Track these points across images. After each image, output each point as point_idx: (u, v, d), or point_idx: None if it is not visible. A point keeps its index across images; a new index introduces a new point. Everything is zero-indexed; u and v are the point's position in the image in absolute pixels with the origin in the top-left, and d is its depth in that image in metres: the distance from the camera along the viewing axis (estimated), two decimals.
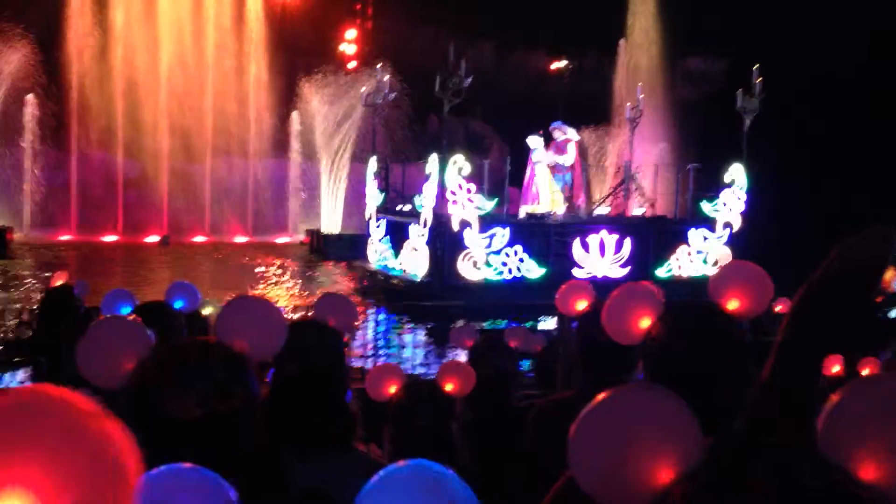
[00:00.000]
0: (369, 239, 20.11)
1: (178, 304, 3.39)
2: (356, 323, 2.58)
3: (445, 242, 16.55)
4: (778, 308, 6.65)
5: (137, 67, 29.10)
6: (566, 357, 3.47)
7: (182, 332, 3.25)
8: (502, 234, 16.82)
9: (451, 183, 16.50)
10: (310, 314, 2.45)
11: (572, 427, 0.92)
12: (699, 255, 18.56)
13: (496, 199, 17.10)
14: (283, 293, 18.56)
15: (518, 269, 16.84)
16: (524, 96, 21.93)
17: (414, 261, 17.51)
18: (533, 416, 3.25)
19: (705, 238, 18.66)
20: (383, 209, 19.57)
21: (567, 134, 18.67)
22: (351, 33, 35.03)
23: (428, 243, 16.99)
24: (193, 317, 3.64)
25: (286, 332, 1.76)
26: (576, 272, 16.80)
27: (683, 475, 0.83)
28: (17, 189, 27.81)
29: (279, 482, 1.91)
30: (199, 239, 28.53)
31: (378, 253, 19.53)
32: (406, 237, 17.84)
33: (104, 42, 28.90)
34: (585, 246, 17.48)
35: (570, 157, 18.56)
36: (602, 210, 20.44)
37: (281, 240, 29.31)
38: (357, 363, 9.17)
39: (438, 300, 15.69)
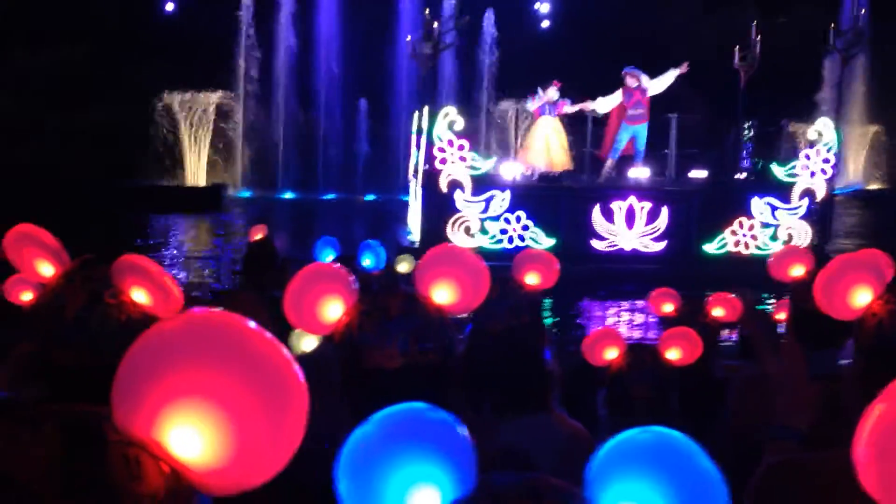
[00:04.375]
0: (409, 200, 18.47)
1: (365, 262, 3.47)
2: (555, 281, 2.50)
3: (435, 205, 14.73)
4: None
5: (336, 32, 30.52)
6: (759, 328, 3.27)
7: (372, 287, 3.34)
8: (501, 197, 14.66)
9: (441, 139, 14.46)
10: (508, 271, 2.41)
11: (868, 416, 0.78)
12: (765, 230, 15.26)
13: (493, 158, 15.10)
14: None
15: (521, 237, 14.63)
16: (726, 54, 20.53)
17: (414, 224, 16.03)
18: (736, 387, 3.08)
19: (774, 209, 15.30)
20: (416, 169, 17.43)
21: (641, 81, 15.22)
22: None
23: (422, 205, 15.29)
24: (383, 275, 3.73)
25: (488, 286, 1.73)
26: (595, 244, 14.77)
27: None
28: (232, 150, 30.15)
29: (475, 439, 1.89)
30: (396, 196, 29.53)
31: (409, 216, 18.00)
32: None
33: (304, 8, 30.39)
34: (608, 214, 14.93)
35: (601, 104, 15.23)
36: (699, 174, 16.46)
37: None
38: None
39: None
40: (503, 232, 14.68)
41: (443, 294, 1.62)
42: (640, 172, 15.50)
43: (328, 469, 0.80)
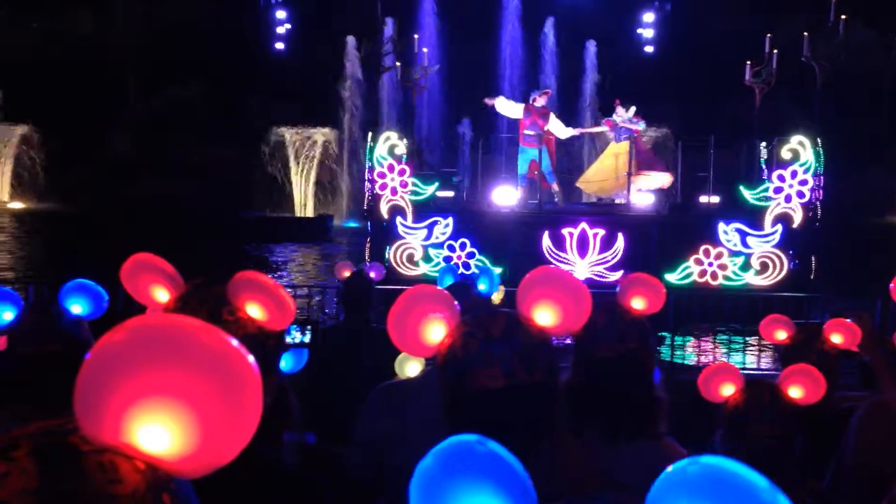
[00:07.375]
0: None
1: (480, 287, 3.53)
2: (659, 306, 2.44)
3: (379, 231, 14.28)
4: None
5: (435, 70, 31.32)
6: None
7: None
8: (444, 223, 14.05)
9: (381, 163, 14.03)
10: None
11: None
12: (735, 259, 13.90)
13: (436, 183, 14.34)
14: None
15: (467, 265, 13.75)
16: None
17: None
18: (858, 418, 2.94)
19: (744, 235, 13.92)
20: None
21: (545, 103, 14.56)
22: (649, 16, 34.24)
23: (369, 232, 14.85)
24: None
25: (590, 307, 1.70)
26: None
27: None
28: (337, 182, 31.12)
29: (577, 462, 1.86)
30: None
31: None
32: None
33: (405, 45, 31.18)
34: (559, 242, 14.02)
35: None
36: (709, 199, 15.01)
37: None
38: None
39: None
40: (447, 259, 13.98)
41: (545, 315, 1.61)
42: (643, 198, 14.58)
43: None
